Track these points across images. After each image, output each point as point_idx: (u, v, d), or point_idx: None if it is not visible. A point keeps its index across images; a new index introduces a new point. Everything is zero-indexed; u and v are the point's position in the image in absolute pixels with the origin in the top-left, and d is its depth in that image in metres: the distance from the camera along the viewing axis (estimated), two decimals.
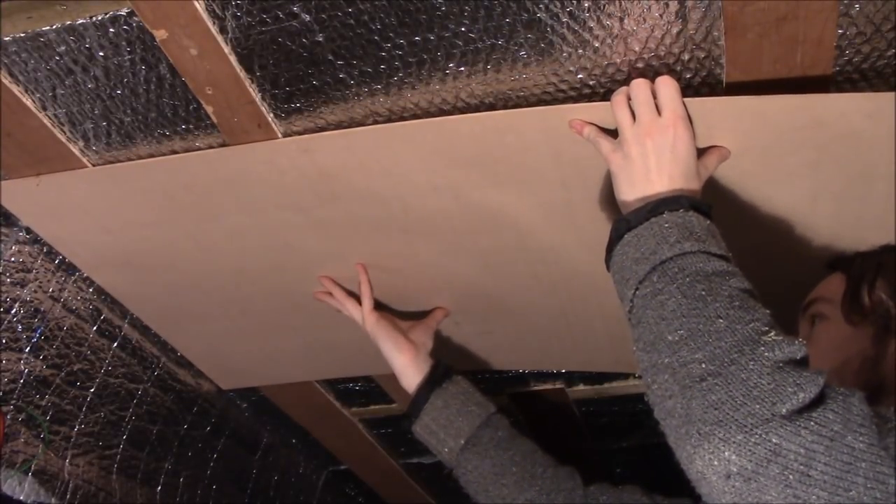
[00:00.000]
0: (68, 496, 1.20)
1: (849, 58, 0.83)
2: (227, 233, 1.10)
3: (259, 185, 1.01)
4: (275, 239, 1.10)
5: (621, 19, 0.81)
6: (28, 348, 1.16)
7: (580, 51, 0.85)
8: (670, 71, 0.86)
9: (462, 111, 0.93)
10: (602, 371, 1.38)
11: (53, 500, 1.18)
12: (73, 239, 1.15)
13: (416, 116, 0.95)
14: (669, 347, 0.65)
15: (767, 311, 0.66)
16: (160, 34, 0.86)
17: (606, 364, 1.31)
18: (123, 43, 0.89)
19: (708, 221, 0.75)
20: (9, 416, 1.12)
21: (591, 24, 0.82)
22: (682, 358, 0.63)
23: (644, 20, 0.81)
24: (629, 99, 0.81)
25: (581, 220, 0.99)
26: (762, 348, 0.61)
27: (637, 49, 0.84)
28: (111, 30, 0.87)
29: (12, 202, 1.09)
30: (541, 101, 0.91)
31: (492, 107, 0.92)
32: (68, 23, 0.87)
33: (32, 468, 1.15)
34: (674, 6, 0.80)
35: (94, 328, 1.26)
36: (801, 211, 0.92)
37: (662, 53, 0.84)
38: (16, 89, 0.95)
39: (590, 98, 0.90)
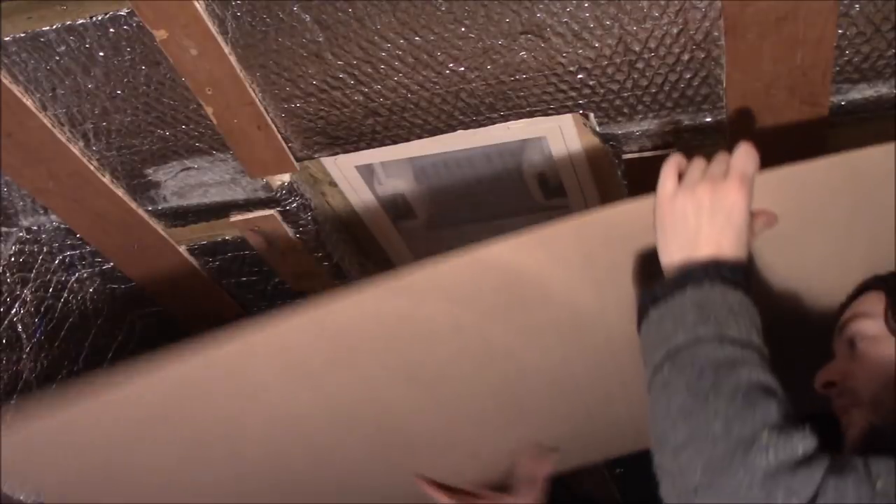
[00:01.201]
0: None
1: (849, 58, 0.83)
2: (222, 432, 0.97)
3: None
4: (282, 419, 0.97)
5: (621, 20, 0.81)
6: (28, 348, 1.16)
7: (580, 51, 0.85)
8: (670, 71, 0.86)
9: (462, 111, 0.94)
10: (624, 454, 1.34)
11: None
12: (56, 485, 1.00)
13: (416, 116, 0.95)
14: (672, 453, 0.66)
15: (775, 403, 0.65)
16: (160, 34, 0.86)
17: (629, 446, 1.26)
18: (123, 43, 0.89)
19: (738, 294, 0.72)
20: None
21: (591, 24, 0.82)
22: (681, 465, 0.65)
23: (644, 20, 0.81)
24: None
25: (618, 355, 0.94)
26: (753, 455, 0.61)
27: (637, 49, 0.84)
28: (111, 30, 0.87)
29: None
30: (541, 101, 0.91)
31: (492, 107, 0.93)
32: (68, 23, 0.87)
33: None
34: (674, 6, 0.80)
35: (96, 328, 1.27)
36: (834, 255, 0.91)
37: (662, 54, 0.84)
38: (16, 89, 0.95)
39: (589, 98, 0.90)
